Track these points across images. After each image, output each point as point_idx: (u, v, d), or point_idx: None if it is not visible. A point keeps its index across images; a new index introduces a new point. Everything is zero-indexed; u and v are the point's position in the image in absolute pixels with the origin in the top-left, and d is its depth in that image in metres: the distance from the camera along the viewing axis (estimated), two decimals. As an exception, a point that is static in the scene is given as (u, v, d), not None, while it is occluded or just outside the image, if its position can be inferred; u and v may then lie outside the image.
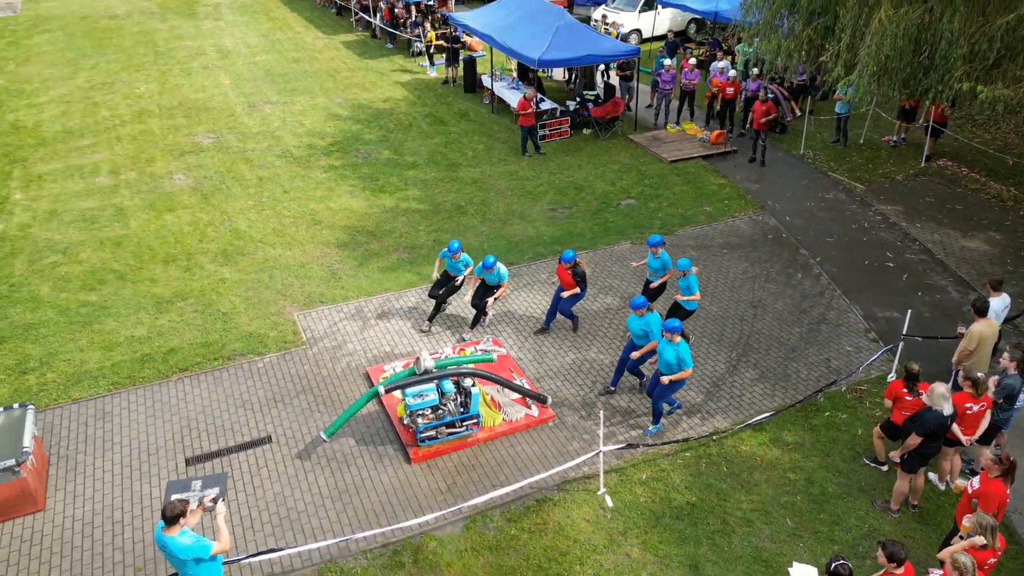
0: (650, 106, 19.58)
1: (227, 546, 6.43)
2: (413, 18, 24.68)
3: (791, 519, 8.31)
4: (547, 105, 18.40)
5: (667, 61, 18.20)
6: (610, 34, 21.72)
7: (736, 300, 12.11)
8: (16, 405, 8.59)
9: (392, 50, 24.80)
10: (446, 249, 10.77)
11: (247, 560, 7.53)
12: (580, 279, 10.71)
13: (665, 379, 8.84)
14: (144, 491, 8.55)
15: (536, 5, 19.25)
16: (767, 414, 9.67)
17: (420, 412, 8.88)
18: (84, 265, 12.73)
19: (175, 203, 14.80)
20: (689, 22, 25.38)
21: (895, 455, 8.05)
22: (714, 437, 9.40)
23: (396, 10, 25.80)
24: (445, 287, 11.07)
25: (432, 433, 8.98)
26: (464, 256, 10.88)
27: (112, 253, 13.10)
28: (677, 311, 10.50)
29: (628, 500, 8.53)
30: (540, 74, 20.56)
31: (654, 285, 10.99)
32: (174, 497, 7.44)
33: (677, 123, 18.69)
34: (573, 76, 21.42)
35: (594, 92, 19.27)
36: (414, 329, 11.27)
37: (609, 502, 8.47)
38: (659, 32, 24.47)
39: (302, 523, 8.20)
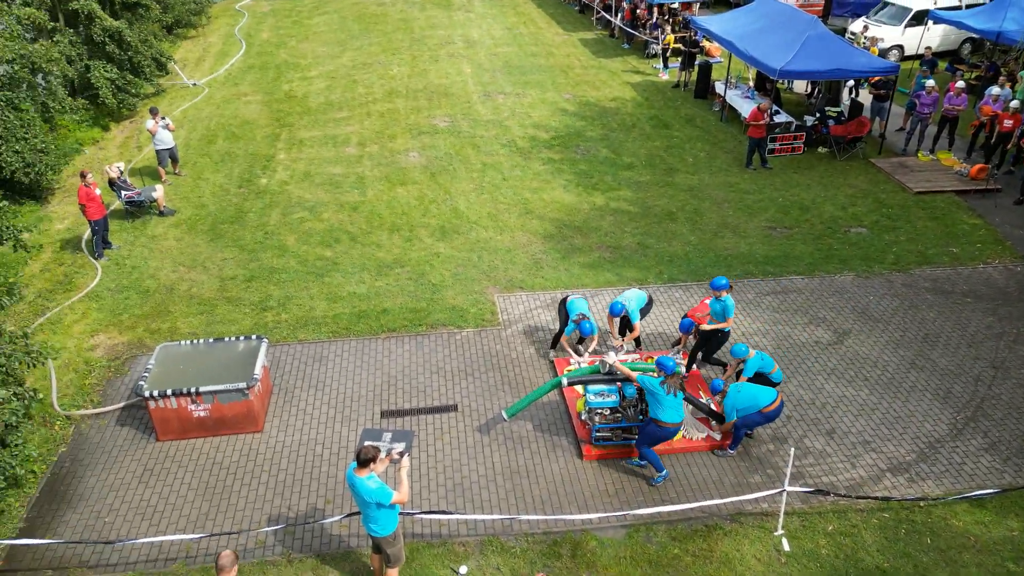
0: (901, 129, 17.77)
1: (405, 498, 6.89)
2: (654, 20, 24.49)
3: (1003, 616, 7.20)
4: (782, 118, 17.39)
5: (929, 83, 16.38)
6: (868, 49, 19.99)
7: (973, 357, 10.66)
8: (254, 337, 9.85)
9: (628, 50, 24.82)
10: (575, 327, 10.19)
11: (419, 515, 8.02)
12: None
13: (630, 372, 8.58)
14: (342, 433, 9.42)
15: (787, 13, 18.23)
16: (992, 491, 8.43)
17: (599, 411, 8.89)
18: (325, 223, 14.22)
19: (407, 178, 16.02)
20: (963, 42, 22.61)
21: None
22: (921, 503, 8.38)
23: (638, 11, 25.75)
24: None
25: (608, 434, 8.94)
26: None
27: (349, 216, 14.50)
28: (761, 380, 9.24)
29: (808, 548, 7.89)
30: (779, 85, 19.48)
31: (707, 328, 10.02)
32: (367, 443, 8.12)
33: (931, 151, 16.79)
34: (816, 90, 20.02)
35: (838, 109, 17.88)
36: (604, 327, 11.26)
37: (786, 546, 7.90)
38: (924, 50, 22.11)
39: (473, 493, 8.56)
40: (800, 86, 21.04)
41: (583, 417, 9.21)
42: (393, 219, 14.38)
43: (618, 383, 8.96)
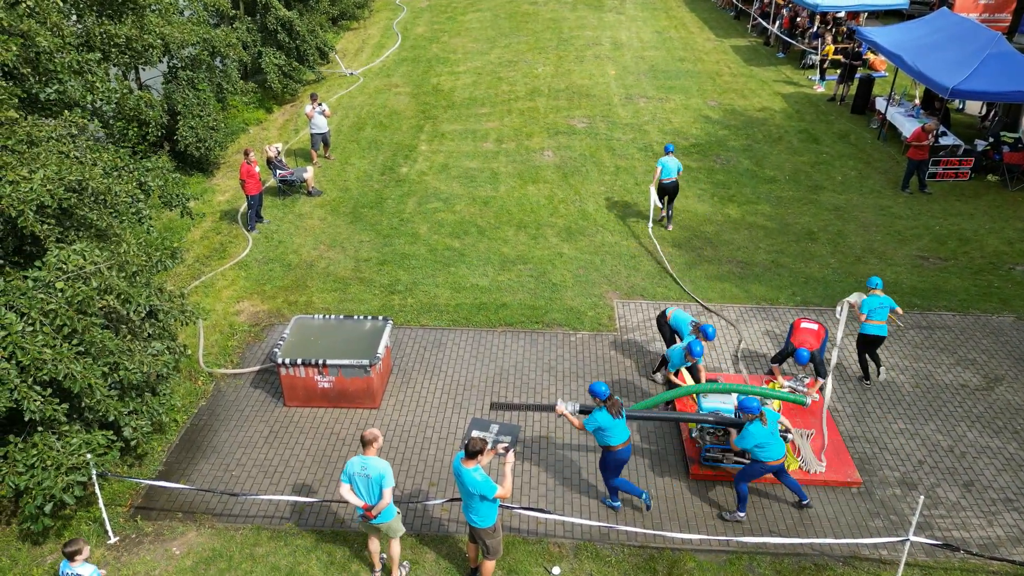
0: (1091, 161, 15.90)
1: (508, 494, 6.96)
2: (815, 29, 23.27)
3: None
4: (949, 140, 16.04)
5: None
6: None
7: None
8: (380, 318, 10.31)
9: (782, 60, 23.74)
10: (698, 350, 9.31)
11: (518, 510, 8.10)
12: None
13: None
14: (452, 420, 9.68)
15: (966, 27, 16.78)
16: None
17: (710, 431, 8.60)
18: (456, 215, 14.64)
19: (539, 177, 16.17)
20: None
21: None
22: (1069, 578, 7.51)
23: (798, 19, 24.55)
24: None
25: (718, 455, 8.64)
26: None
27: (479, 210, 14.84)
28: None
29: (927, 607, 7.28)
30: (950, 105, 17.95)
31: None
32: (475, 435, 8.30)
33: (1126, 187, 14.93)
34: (992, 113, 18.30)
35: (1015, 135, 16.26)
36: (725, 344, 10.87)
37: (902, 600, 7.33)
38: None
39: (572, 496, 8.54)
40: (974, 107, 19.31)
41: (694, 435, 8.95)
42: (521, 216, 14.56)
43: (736, 404, 8.63)
